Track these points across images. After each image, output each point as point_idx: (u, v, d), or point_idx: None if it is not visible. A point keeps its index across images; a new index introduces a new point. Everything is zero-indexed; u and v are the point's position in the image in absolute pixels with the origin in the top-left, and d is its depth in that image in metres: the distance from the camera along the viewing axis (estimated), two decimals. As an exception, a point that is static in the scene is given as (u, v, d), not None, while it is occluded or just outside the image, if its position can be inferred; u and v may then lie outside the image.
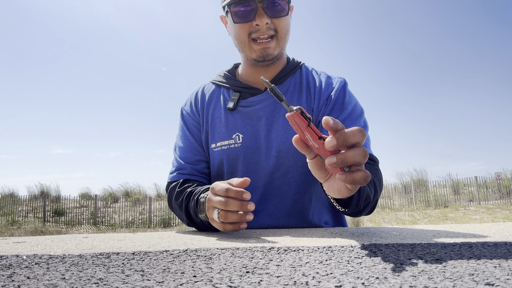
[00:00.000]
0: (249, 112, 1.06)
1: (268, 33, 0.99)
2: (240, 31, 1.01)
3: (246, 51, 1.03)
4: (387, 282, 0.34)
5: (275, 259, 0.49)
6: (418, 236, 0.72)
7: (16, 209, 11.74)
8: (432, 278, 0.34)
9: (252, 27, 0.99)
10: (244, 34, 1.01)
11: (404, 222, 8.64)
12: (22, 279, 0.38)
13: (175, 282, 0.36)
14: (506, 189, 11.37)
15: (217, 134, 1.08)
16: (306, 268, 0.42)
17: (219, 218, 0.74)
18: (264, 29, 0.98)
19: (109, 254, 0.57)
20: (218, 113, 1.10)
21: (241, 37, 1.02)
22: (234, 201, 0.73)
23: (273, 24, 0.99)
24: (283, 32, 1.02)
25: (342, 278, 0.36)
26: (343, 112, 1.00)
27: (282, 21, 1.00)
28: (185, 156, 1.10)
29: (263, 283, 0.35)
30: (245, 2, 0.97)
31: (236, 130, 1.06)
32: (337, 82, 1.07)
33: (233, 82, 1.12)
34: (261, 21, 0.96)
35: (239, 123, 1.06)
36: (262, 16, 0.96)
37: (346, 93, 1.05)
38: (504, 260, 0.43)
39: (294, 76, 1.11)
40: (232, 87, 1.12)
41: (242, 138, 1.05)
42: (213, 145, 1.09)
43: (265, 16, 0.97)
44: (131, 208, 12.11)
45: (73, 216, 11.66)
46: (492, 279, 0.34)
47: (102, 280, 0.38)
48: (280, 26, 1.00)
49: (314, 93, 1.06)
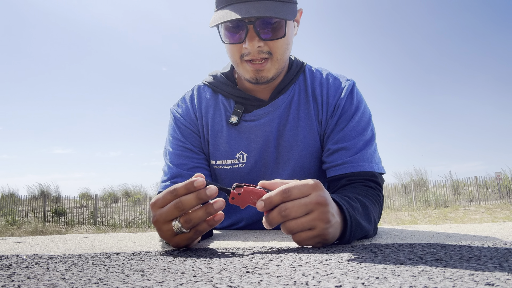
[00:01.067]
0: (254, 127, 0.96)
1: (261, 56, 0.86)
2: (231, 51, 0.90)
3: (240, 70, 0.92)
4: (387, 282, 0.34)
5: (275, 259, 0.49)
6: (418, 236, 0.72)
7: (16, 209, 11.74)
8: (432, 278, 0.34)
9: (243, 49, 0.86)
10: (236, 55, 0.89)
11: (404, 222, 8.64)
12: (22, 279, 0.38)
13: (175, 282, 0.36)
14: (506, 189, 11.37)
15: (218, 151, 0.98)
16: (306, 268, 0.42)
17: (183, 226, 0.59)
18: (255, 53, 0.85)
19: (109, 254, 0.57)
20: (219, 126, 0.99)
21: (233, 57, 0.91)
22: (188, 196, 0.59)
23: (267, 46, 0.86)
24: (279, 54, 0.88)
25: (342, 278, 0.36)
26: (349, 123, 0.93)
27: (278, 42, 0.86)
28: (180, 163, 0.96)
29: (263, 283, 0.35)
30: (234, 22, 0.84)
31: (240, 148, 0.97)
32: (345, 87, 0.98)
33: (232, 91, 0.99)
34: (252, 44, 0.84)
35: (243, 141, 0.97)
36: (253, 39, 0.83)
37: (353, 99, 0.96)
38: (504, 260, 0.43)
39: (297, 82, 1.00)
40: (232, 96, 0.99)
41: (247, 157, 0.97)
42: (213, 161, 0.99)
43: (257, 38, 0.84)
44: (131, 208, 12.11)
45: (73, 216, 11.66)
46: (492, 279, 0.34)
47: (102, 280, 0.38)
48: (275, 48, 0.87)
49: (322, 102, 0.97)
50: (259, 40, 0.84)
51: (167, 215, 0.59)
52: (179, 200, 0.59)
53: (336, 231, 0.61)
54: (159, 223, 0.60)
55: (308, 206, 0.58)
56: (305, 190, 0.59)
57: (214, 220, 0.61)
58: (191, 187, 0.59)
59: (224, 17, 0.82)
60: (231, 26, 0.85)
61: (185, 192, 0.59)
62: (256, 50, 0.85)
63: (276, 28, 0.85)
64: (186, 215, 0.59)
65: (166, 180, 0.96)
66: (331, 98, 0.97)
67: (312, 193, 0.59)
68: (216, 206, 0.59)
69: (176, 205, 0.59)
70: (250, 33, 0.83)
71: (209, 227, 0.61)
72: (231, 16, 0.81)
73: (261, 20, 0.82)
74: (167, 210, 0.59)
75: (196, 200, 0.58)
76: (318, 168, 0.98)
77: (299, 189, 0.59)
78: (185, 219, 0.59)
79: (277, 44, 0.86)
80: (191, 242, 0.63)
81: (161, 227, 0.61)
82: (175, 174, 0.95)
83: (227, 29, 0.86)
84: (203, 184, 0.59)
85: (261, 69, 0.88)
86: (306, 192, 0.59)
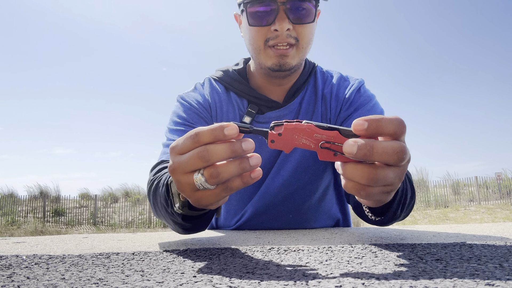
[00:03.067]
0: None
1: (288, 41, 0.85)
2: (255, 36, 0.87)
3: (261, 58, 0.89)
4: (387, 282, 0.34)
5: (275, 259, 0.49)
6: (418, 236, 0.72)
7: (16, 209, 11.74)
8: (432, 278, 0.34)
9: (269, 32, 0.85)
10: (260, 40, 0.87)
11: (404, 222, 8.64)
12: (21, 279, 0.38)
13: (175, 282, 0.36)
14: (507, 189, 11.37)
15: None
16: (306, 268, 0.42)
17: (208, 181, 0.46)
18: (283, 36, 0.84)
19: (109, 254, 0.57)
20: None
21: (256, 43, 0.88)
22: (218, 146, 0.46)
23: (294, 31, 0.85)
24: (305, 42, 0.88)
25: (342, 279, 0.36)
26: (362, 111, 0.92)
27: (306, 28, 0.86)
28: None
29: (263, 283, 0.35)
30: (265, 1, 0.83)
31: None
32: (354, 84, 0.98)
33: (245, 89, 0.96)
34: (281, 26, 0.83)
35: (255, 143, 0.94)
36: (283, 20, 0.83)
37: (363, 94, 0.96)
38: (505, 260, 0.43)
39: (308, 84, 1.00)
40: (245, 95, 0.96)
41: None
42: None
43: (287, 20, 0.83)
44: (131, 208, 12.11)
45: (73, 216, 11.65)
46: (493, 279, 0.34)
47: (102, 280, 0.38)
48: (303, 34, 0.86)
49: (330, 101, 0.97)
50: (289, 22, 0.83)
51: (187, 165, 0.47)
52: (204, 149, 0.45)
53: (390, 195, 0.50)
54: (177, 173, 0.48)
55: (406, 153, 0.44)
56: (403, 129, 0.45)
57: (251, 177, 0.48)
58: (219, 134, 0.45)
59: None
60: (260, 8, 0.84)
61: (211, 139, 0.46)
62: (285, 33, 0.84)
63: (306, 13, 0.85)
64: (212, 168, 0.46)
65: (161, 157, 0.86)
66: (340, 94, 0.97)
67: (403, 137, 0.45)
68: (252, 162, 0.47)
69: (200, 155, 0.46)
70: (280, 14, 0.83)
71: (243, 185, 0.48)
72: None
73: (292, 2, 0.82)
74: (188, 159, 0.47)
75: (228, 153, 0.45)
76: (320, 167, 0.98)
77: (403, 126, 0.44)
78: (211, 173, 0.46)
79: (305, 30, 0.86)
80: (217, 201, 0.50)
81: (179, 178, 0.49)
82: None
83: (255, 10, 0.85)
84: (236, 133, 0.45)
85: (286, 55, 0.87)
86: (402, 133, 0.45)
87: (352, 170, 0.45)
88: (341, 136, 0.45)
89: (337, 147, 0.45)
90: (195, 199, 0.50)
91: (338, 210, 1.10)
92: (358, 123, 0.43)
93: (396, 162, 0.43)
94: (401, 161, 0.43)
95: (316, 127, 0.46)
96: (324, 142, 0.46)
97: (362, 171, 0.44)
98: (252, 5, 0.85)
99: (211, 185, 0.47)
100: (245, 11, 0.87)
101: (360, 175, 0.44)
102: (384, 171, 0.44)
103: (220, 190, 0.48)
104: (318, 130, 0.46)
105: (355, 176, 0.45)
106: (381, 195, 0.48)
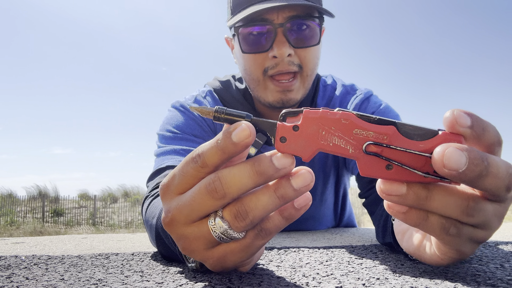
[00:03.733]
0: None
1: (290, 69, 0.71)
2: (251, 65, 0.73)
3: (260, 92, 0.75)
4: (388, 283, 0.34)
5: (275, 259, 0.49)
6: (418, 236, 0.71)
7: (15, 210, 11.72)
8: (433, 279, 0.34)
9: (268, 60, 0.71)
10: (257, 70, 0.72)
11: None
12: (20, 280, 0.38)
13: (174, 283, 0.36)
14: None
15: None
16: (306, 269, 0.41)
17: (234, 226, 0.30)
18: (284, 63, 0.70)
19: (108, 255, 0.57)
20: None
21: (253, 73, 0.73)
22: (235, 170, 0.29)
23: (297, 57, 0.71)
24: (310, 68, 0.73)
25: (342, 279, 0.36)
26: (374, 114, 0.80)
27: (311, 52, 0.72)
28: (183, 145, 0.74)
29: (263, 283, 0.34)
30: (259, 22, 0.69)
31: None
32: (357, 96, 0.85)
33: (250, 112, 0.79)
34: (281, 52, 0.69)
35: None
36: (282, 44, 0.69)
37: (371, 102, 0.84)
38: (506, 260, 0.43)
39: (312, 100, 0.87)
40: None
41: None
42: None
43: (287, 44, 0.69)
44: (131, 208, 12.09)
45: (72, 216, 11.64)
46: (494, 280, 0.34)
47: (101, 281, 0.38)
48: (307, 60, 0.72)
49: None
50: (290, 47, 0.70)
51: (194, 210, 0.31)
52: (216, 178, 0.29)
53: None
54: (179, 225, 0.32)
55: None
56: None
57: (295, 208, 0.31)
58: (229, 146, 0.29)
59: (250, 11, 0.68)
60: (254, 30, 0.70)
61: (222, 158, 0.29)
62: (286, 60, 0.70)
63: (309, 34, 0.71)
64: (237, 204, 0.30)
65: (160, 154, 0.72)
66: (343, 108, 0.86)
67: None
68: (297, 182, 0.29)
69: (211, 188, 0.29)
70: (279, 37, 0.69)
71: (285, 223, 0.32)
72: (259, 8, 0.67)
73: (293, 21, 0.69)
74: (193, 199, 0.30)
75: (253, 179, 0.29)
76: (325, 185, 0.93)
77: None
78: (235, 211, 0.30)
79: (310, 54, 0.72)
80: (250, 256, 0.34)
81: (184, 231, 0.32)
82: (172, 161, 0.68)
83: (248, 32, 0.71)
84: (253, 135, 0.28)
85: (290, 89, 0.72)
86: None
87: (444, 197, 0.29)
88: (400, 135, 0.29)
89: (394, 154, 0.28)
90: (216, 261, 0.34)
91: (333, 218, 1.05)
92: (460, 114, 0.27)
93: (503, 192, 0.28)
94: (508, 191, 0.28)
95: (358, 118, 0.29)
96: (371, 144, 0.29)
97: (459, 197, 0.29)
98: (245, 28, 0.71)
99: (238, 232, 0.31)
100: (237, 35, 0.73)
101: (454, 204, 0.29)
102: (483, 202, 0.30)
103: (251, 237, 0.32)
104: (361, 123, 0.29)
105: (446, 206, 0.29)
106: (467, 243, 0.32)
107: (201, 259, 0.34)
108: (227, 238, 0.31)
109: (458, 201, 0.29)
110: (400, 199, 0.29)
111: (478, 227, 0.31)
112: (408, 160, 0.28)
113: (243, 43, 0.72)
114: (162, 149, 0.75)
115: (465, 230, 0.31)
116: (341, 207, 1.05)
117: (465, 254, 0.33)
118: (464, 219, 0.30)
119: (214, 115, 0.30)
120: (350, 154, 0.29)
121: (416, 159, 0.28)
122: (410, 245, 0.38)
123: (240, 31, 0.72)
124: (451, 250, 0.32)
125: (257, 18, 0.69)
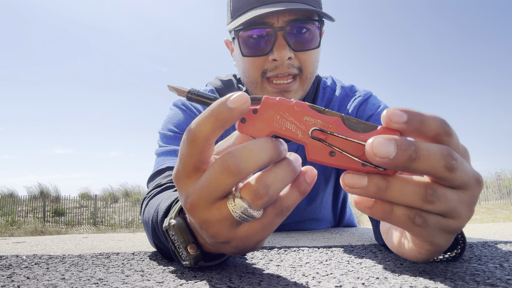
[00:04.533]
0: None
1: (290, 71, 0.71)
2: (250, 68, 0.74)
3: (257, 93, 0.76)
4: (387, 282, 0.34)
5: (275, 259, 0.49)
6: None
7: (16, 209, 11.73)
8: (432, 279, 0.34)
9: (267, 63, 0.72)
10: (256, 72, 0.73)
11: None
12: (21, 279, 0.38)
13: (175, 282, 0.36)
14: (507, 189, 11.36)
15: None
16: (306, 269, 0.42)
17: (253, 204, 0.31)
18: (284, 66, 0.71)
19: (109, 254, 0.57)
20: None
21: (252, 75, 0.74)
22: (251, 144, 0.31)
23: (297, 60, 0.72)
24: (310, 71, 0.74)
25: (342, 279, 0.36)
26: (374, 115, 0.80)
27: (311, 55, 0.73)
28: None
29: (263, 283, 0.35)
30: (260, 25, 0.70)
31: None
32: (356, 98, 0.86)
33: None
34: (281, 55, 0.69)
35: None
36: (282, 48, 0.69)
37: (370, 103, 0.84)
38: (505, 260, 0.43)
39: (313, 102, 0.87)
40: None
41: None
42: None
43: (287, 47, 0.70)
44: (131, 208, 12.10)
45: (73, 216, 11.65)
46: (493, 279, 0.34)
47: (102, 280, 0.38)
48: (307, 63, 0.73)
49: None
50: (290, 50, 0.70)
51: (211, 190, 0.31)
52: (230, 154, 0.30)
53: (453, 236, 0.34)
54: (200, 209, 0.32)
55: (474, 175, 0.31)
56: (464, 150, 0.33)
57: (307, 182, 0.33)
58: (224, 112, 0.30)
59: (250, 15, 0.69)
60: (254, 33, 0.71)
61: (214, 126, 0.31)
62: (286, 63, 0.71)
63: (309, 37, 0.72)
64: (256, 182, 0.31)
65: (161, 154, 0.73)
66: (342, 110, 0.87)
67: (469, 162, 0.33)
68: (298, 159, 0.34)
69: (226, 165, 0.30)
70: (279, 40, 0.70)
71: (300, 197, 0.34)
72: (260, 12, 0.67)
73: (293, 24, 0.69)
74: (210, 179, 0.31)
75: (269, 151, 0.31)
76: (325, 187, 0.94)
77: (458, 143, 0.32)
78: (254, 189, 0.31)
79: (310, 57, 0.73)
80: (268, 234, 0.34)
81: (206, 215, 0.32)
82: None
83: (248, 35, 0.71)
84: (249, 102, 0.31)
85: (288, 91, 0.73)
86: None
87: (402, 186, 0.30)
88: (345, 126, 0.31)
89: (337, 142, 0.31)
90: (239, 240, 0.34)
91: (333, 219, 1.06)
92: (393, 112, 0.29)
93: (444, 173, 0.29)
94: (450, 171, 0.29)
95: (309, 108, 0.32)
96: (316, 130, 0.31)
97: (416, 185, 0.30)
98: (245, 31, 0.71)
99: (257, 210, 0.32)
100: (237, 38, 0.73)
101: (413, 192, 0.30)
102: (442, 188, 0.30)
103: (272, 215, 0.33)
104: (311, 112, 0.32)
105: (406, 195, 0.30)
106: (439, 234, 0.32)
107: (226, 240, 0.34)
108: (247, 217, 0.32)
109: (416, 188, 0.30)
110: (363, 191, 0.30)
111: (446, 216, 0.31)
112: (350, 149, 0.31)
113: (243, 46, 0.73)
114: (163, 149, 0.76)
115: (432, 219, 0.31)
116: (341, 209, 1.06)
117: (440, 246, 0.33)
118: (426, 207, 0.30)
119: (187, 95, 0.35)
120: (299, 139, 0.32)
121: (357, 149, 0.31)
122: (392, 243, 0.39)
123: (241, 34, 0.72)
124: (424, 242, 0.33)
125: (258, 22, 0.70)
